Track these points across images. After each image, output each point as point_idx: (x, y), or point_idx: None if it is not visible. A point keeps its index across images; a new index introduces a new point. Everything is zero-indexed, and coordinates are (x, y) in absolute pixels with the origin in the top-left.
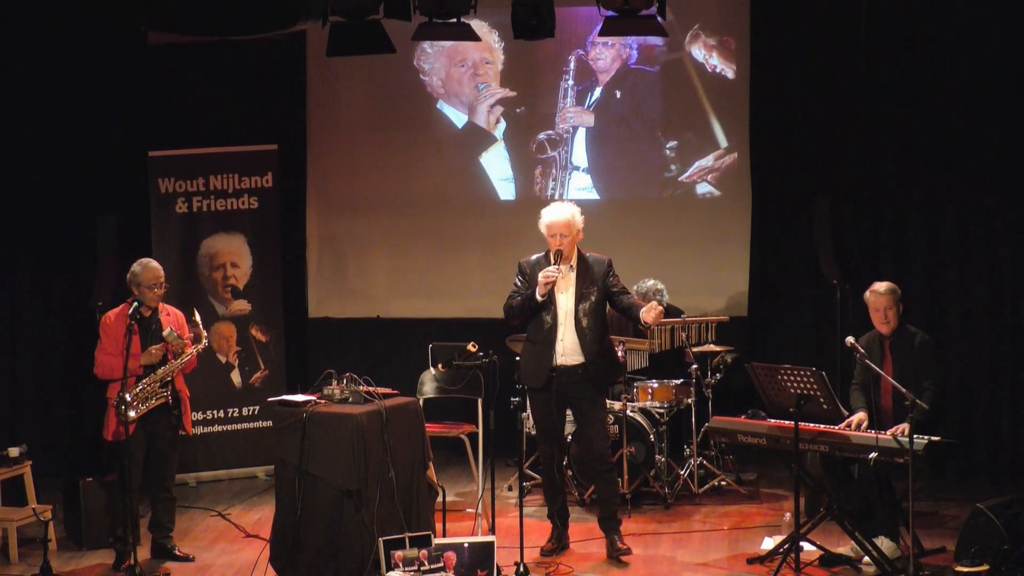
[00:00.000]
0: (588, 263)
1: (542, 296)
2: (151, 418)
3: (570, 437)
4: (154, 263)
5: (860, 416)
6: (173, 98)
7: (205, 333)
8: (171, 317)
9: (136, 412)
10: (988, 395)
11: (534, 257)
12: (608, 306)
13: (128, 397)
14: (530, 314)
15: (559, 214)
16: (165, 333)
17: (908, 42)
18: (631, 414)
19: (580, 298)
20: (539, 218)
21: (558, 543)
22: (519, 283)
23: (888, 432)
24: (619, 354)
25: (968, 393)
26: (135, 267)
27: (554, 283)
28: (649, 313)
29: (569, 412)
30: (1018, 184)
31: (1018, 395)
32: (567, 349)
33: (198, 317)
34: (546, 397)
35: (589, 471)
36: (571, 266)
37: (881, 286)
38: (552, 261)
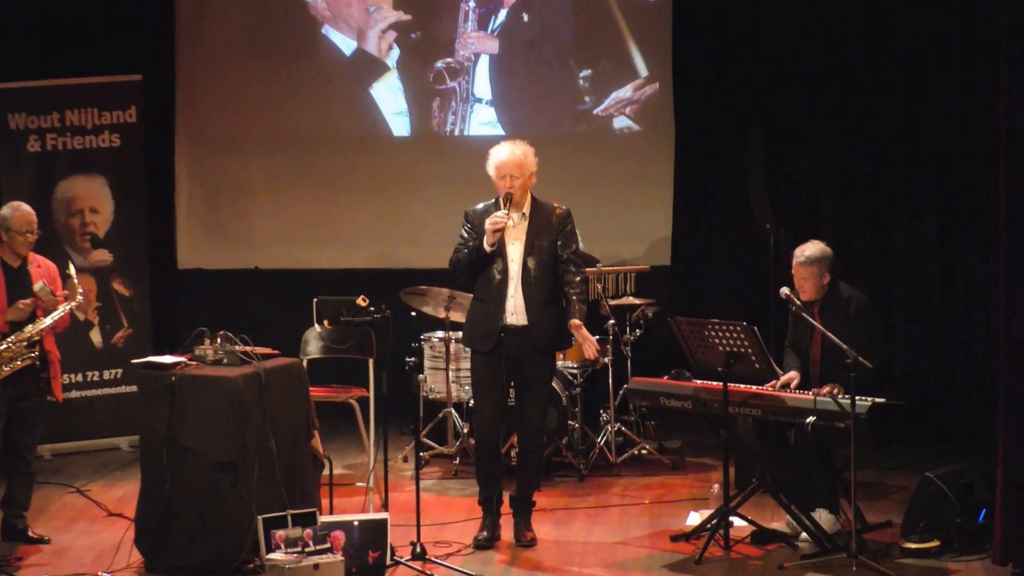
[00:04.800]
0: (543, 211)
1: (491, 246)
2: (16, 381)
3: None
4: (26, 206)
5: (790, 375)
6: (22, 23)
7: (80, 288)
8: (42, 269)
9: None
10: (937, 354)
11: (481, 205)
12: None
13: None
14: (479, 268)
15: (510, 153)
16: (36, 287)
17: None
18: None
19: (530, 250)
20: (487, 159)
21: (491, 532)
22: (466, 234)
23: (821, 390)
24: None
25: (915, 352)
26: (4, 210)
27: (503, 230)
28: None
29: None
30: (976, 125)
31: (969, 354)
32: (518, 307)
33: (73, 270)
34: (492, 361)
35: (521, 448)
36: (523, 214)
37: (802, 252)
38: (502, 206)
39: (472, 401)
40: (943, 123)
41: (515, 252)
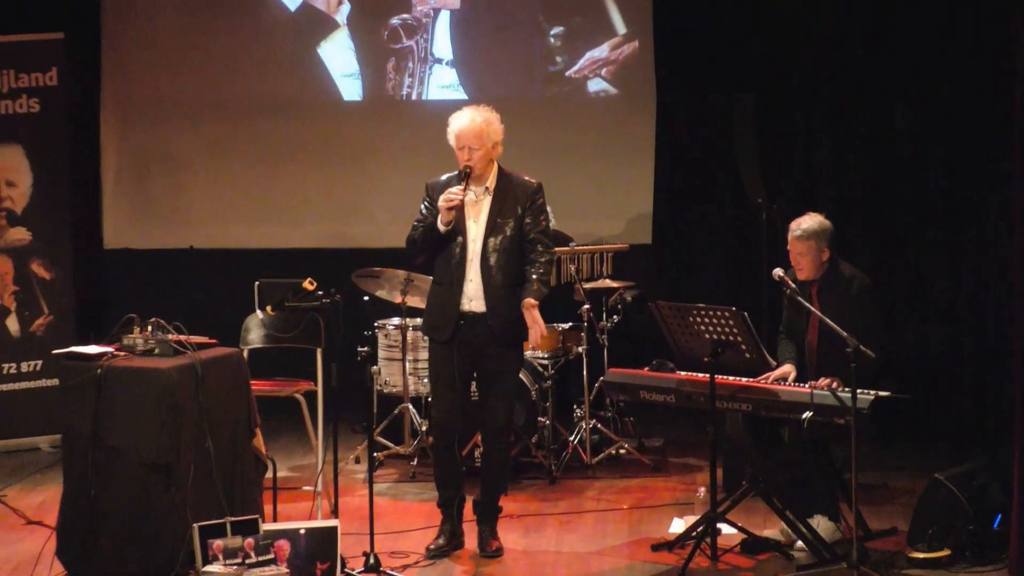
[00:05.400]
0: (510, 186)
1: (445, 224)
2: None
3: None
4: None
5: (785, 369)
6: None
7: None
8: None
9: None
10: (945, 345)
11: (445, 177)
12: None
13: None
14: (435, 248)
15: (469, 121)
16: None
17: None
18: None
19: (492, 229)
20: (447, 126)
21: (449, 539)
22: (424, 210)
23: (819, 383)
24: None
25: (922, 342)
26: None
27: (457, 207)
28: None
29: None
30: (987, 96)
31: (980, 346)
32: (475, 293)
33: None
34: (449, 351)
35: (485, 448)
36: (486, 188)
37: (799, 226)
38: (461, 180)
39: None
40: (950, 94)
41: (475, 231)
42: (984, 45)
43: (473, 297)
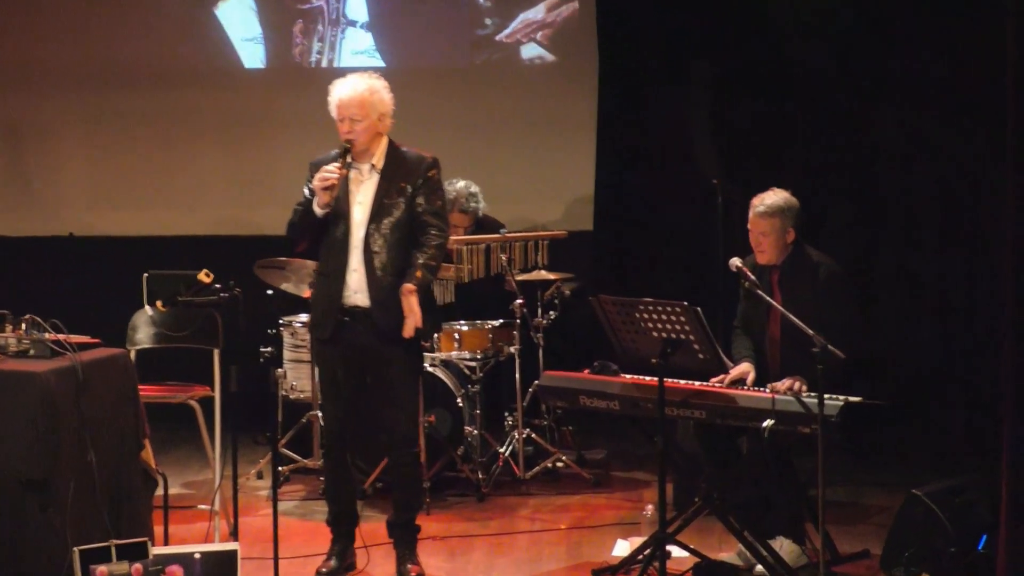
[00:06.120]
0: (401, 162)
1: (322, 207)
2: None
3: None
4: None
5: (743, 368)
6: None
7: None
8: None
9: None
10: (930, 342)
11: (333, 152)
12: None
13: None
14: (316, 234)
15: (350, 90)
16: None
17: None
18: (430, 369)
19: (378, 212)
20: (327, 95)
21: (340, 561)
22: (307, 191)
23: (780, 385)
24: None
25: (901, 339)
26: None
27: (334, 187)
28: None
29: None
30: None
31: (966, 341)
32: (358, 284)
33: None
34: (332, 351)
35: (389, 462)
36: (372, 165)
37: (762, 201)
38: (342, 157)
39: None
40: (943, 82)
41: (360, 214)
42: (973, 30)
43: (357, 289)
